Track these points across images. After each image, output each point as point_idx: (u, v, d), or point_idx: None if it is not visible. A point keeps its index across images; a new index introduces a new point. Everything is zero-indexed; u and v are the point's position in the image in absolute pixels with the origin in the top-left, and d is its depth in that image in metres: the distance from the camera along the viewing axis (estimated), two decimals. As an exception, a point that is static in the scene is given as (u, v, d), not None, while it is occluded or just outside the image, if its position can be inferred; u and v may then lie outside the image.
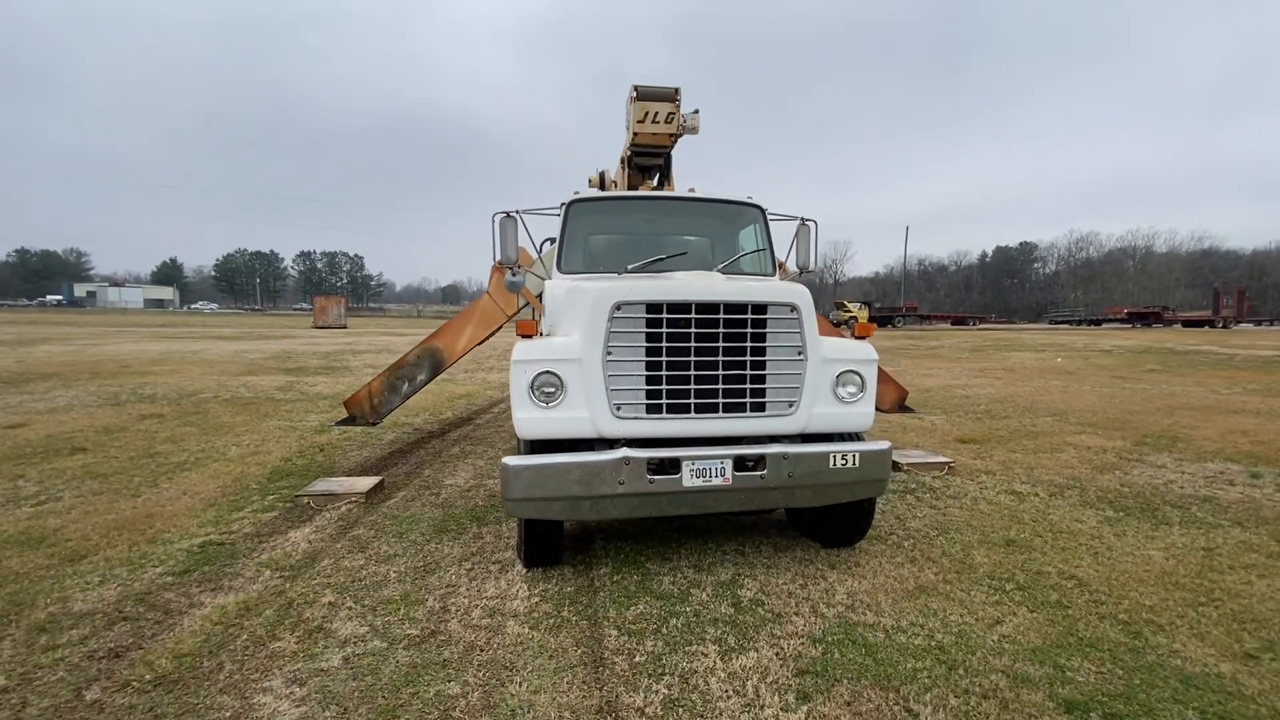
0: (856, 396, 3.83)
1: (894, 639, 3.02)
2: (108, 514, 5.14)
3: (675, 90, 5.54)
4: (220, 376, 14.22)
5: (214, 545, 4.44)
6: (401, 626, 3.19)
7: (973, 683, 2.65)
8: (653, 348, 3.53)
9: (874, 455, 3.69)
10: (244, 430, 8.65)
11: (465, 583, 3.74)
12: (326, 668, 2.81)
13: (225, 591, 3.68)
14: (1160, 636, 3.05)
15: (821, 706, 2.49)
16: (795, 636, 3.04)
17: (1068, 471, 6.18)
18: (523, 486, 3.38)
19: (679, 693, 2.59)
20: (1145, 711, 2.46)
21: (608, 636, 3.06)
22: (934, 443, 7.62)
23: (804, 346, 3.69)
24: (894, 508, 5.11)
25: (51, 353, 19.14)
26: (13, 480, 6.12)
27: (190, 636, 3.13)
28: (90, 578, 3.84)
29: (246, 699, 2.59)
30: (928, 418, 9.41)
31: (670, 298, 3.53)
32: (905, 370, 16.27)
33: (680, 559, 4.04)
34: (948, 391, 12.07)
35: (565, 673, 2.75)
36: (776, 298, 3.65)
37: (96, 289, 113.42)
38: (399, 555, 4.19)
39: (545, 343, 3.64)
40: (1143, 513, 4.94)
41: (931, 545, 4.27)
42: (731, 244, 5.35)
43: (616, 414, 3.53)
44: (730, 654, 2.88)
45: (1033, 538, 4.41)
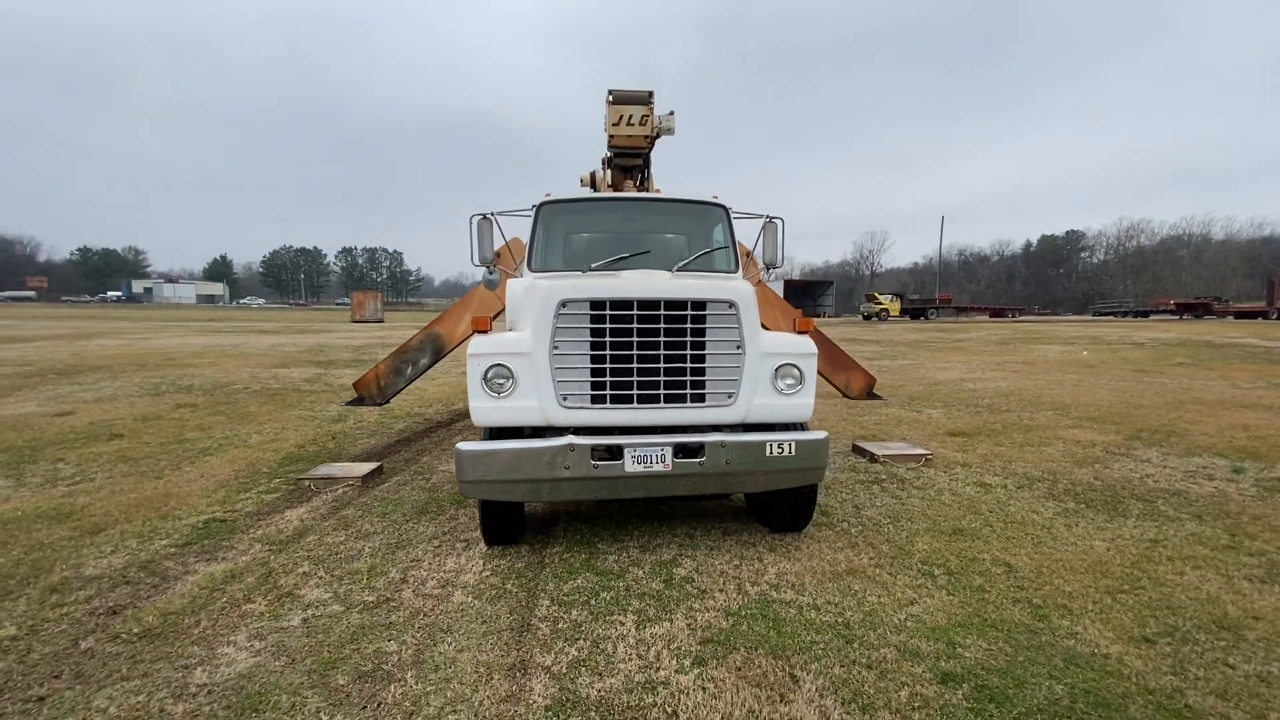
0: (795, 388, 4.00)
1: (804, 615, 3.22)
2: (131, 493, 5.66)
3: (649, 94, 5.74)
4: (254, 369, 15.01)
5: (217, 522, 4.89)
6: (361, 594, 3.54)
7: (862, 655, 2.84)
8: (597, 342, 3.78)
9: (810, 444, 3.87)
10: (267, 419, 9.22)
11: (429, 558, 4.07)
12: (286, 626, 3.17)
13: (217, 561, 4.10)
14: (1064, 620, 3.17)
15: (713, 670, 2.72)
16: (712, 610, 3.27)
17: (1046, 465, 6.20)
18: (474, 470, 3.68)
19: (587, 654, 2.86)
20: (1016, 684, 2.62)
21: (540, 606, 3.34)
22: (923, 435, 7.67)
23: (742, 341, 3.89)
24: (855, 497, 5.26)
25: (105, 346, 20.44)
26: (54, 463, 6.74)
27: (178, 598, 3.54)
28: (104, 548, 4.31)
29: (212, 649, 2.96)
30: (926, 411, 9.42)
31: (613, 295, 3.78)
32: (921, 364, 16.11)
33: (630, 540, 4.29)
34: (956, 385, 11.97)
35: (492, 636, 3.04)
36: (715, 295, 3.86)
37: (153, 285, 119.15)
38: (377, 533, 4.56)
39: (497, 337, 3.93)
40: (1104, 505, 4.98)
41: (877, 532, 4.43)
42: (705, 242, 5.54)
43: (563, 404, 3.80)
44: (646, 623, 3.13)
45: (982, 527, 4.52)
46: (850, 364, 7.24)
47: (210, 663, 2.85)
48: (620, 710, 2.46)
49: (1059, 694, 2.56)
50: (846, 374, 7.12)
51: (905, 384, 12.31)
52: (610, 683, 2.64)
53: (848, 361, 7.26)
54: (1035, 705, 2.49)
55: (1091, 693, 2.57)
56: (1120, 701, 2.51)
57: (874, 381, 7.37)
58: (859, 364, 7.37)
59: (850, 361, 7.29)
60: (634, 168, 6.39)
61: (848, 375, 7.11)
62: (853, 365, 7.21)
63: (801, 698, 2.53)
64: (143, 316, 48.00)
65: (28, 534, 4.58)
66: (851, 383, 7.05)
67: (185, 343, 22.59)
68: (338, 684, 2.67)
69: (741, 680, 2.65)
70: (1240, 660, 2.83)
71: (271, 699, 2.57)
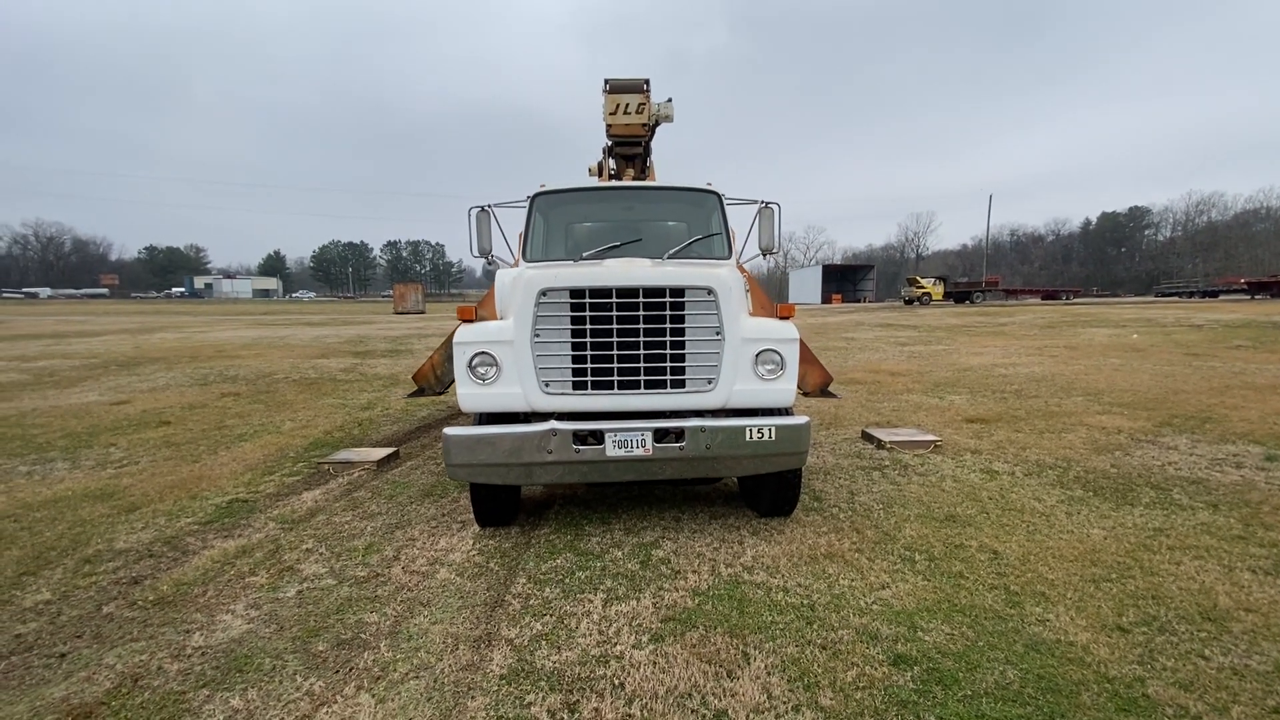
0: (776, 374, 4.01)
1: (771, 597, 3.27)
2: (169, 476, 6.08)
3: (644, 81, 5.76)
4: (296, 359, 15.72)
5: (239, 502, 5.22)
6: (355, 569, 3.76)
7: (819, 636, 2.88)
8: (577, 329, 3.88)
9: (790, 429, 3.89)
10: (302, 407, 9.69)
11: (424, 537, 4.27)
12: (281, 597, 3.41)
13: (233, 538, 4.40)
14: (1037, 607, 3.12)
15: (668, 646, 2.81)
16: (681, 590, 3.35)
17: (1062, 452, 6.01)
18: (460, 454, 3.84)
19: (550, 629, 2.98)
20: (968, 668, 2.62)
21: (516, 583, 3.49)
22: (939, 422, 7.51)
23: (721, 327, 3.92)
24: (852, 483, 5.23)
25: (164, 339, 21.71)
26: (106, 447, 7.27)
27: (192, 570, 3.83)
28: (136, 524, 4.67)
29: (212, 616, 3.22)
30: (949, 397, 9.20)
31: (592, 284, 3.86)
32: (956, 349, 15.65)
33: (617, 523, 4.40)
34: (987, 371, 11.61)
35: (466, 610, 3.20)
36: (693, 282, 3.90)
37: (212, 281, 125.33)
38: (381, 514, 4.79)
39: (482, 326, 4.06)
40: (1114, 493, 4.81)
41: (866, 518, 4.41)
42: (702, 229, 5.55)
43: (545, 390, 3.92)
44: (613, 602, 3.24)
45: (977, 514, 4.45)
46: (810, 359, 7.10)
47: (208, 628, 3.10)
48: (570, 680, 2.57)
49: (1010, 679, 2.54)
50: (804, 368, 6.97)
51: (933, 370, 12.00)
52: (566, 655, 2.76)
53: (807, 356, 7.09)
54: (983, 689, 2.49)
55: (1045, 679, 2.54)
56: (1073, 688, 2.48)
57: (830, 379, 7.23)
58: (819, 360, 7.24)
59: (810, 357, 7.13)
60: (634, 156, 6.43)
61: (804, 369, 6.96)
62: (812, 360, 7.05)
63: (748, 675, 2.59)
64: (202, 311, 50.67)
65: (74, 511, 5.00)
66: (808, 378, 6.90)
67: (236, 335, 23.78)
68: (317, 650, 2.88)
69: (693, 656, 2.73)
70: (1217, 652, 2.75)
71: (255, 661, 2.79)
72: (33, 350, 18.24)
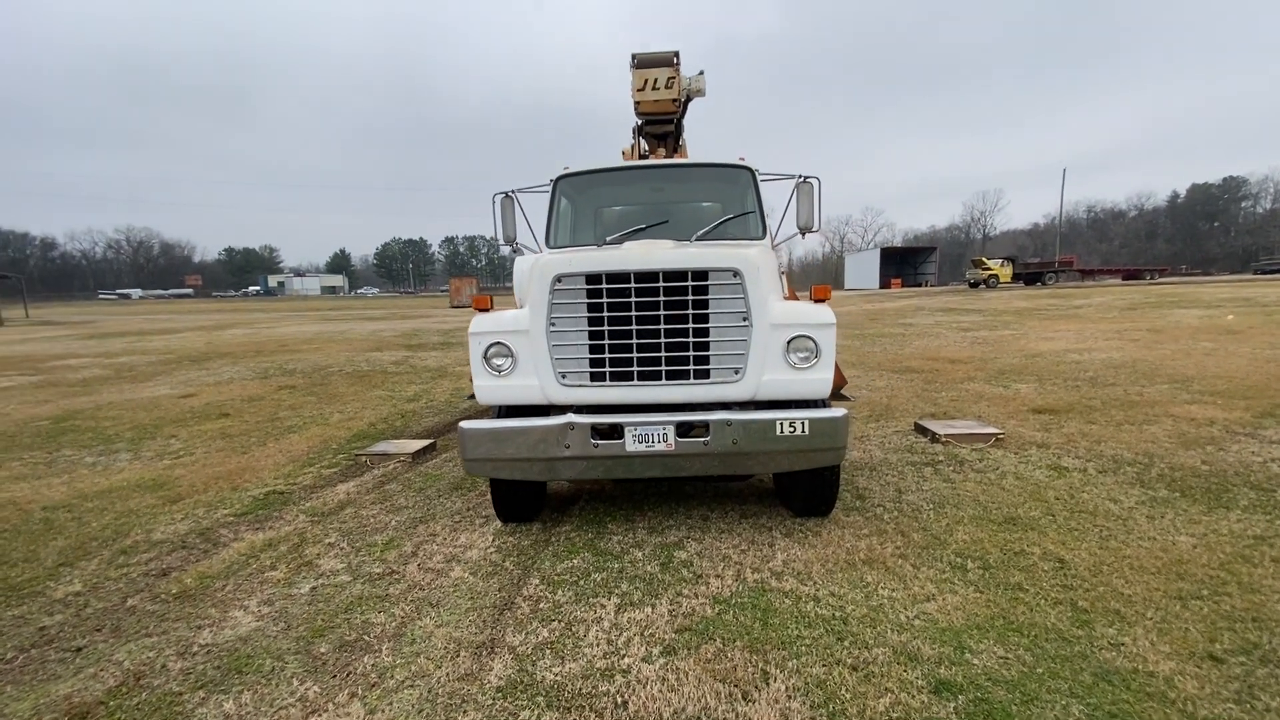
0: (810, 362, 3.69)
1: (799, 607, 2.98)
2: (218, 467, 6.25)
3: (674, 54, 5.45)
4: (352, 353, 16.22)
5: (276, 494, 5.29)
6: (371, 565, 3.69)
7: (850, 655, 2.58)
8: (594, 317, 3.66)
9: (824, 423, 3.56)
10: (351, 399, 9.91)
11: (445, 532, 4.18)
12: (295, 594, 3.36)
13: (264, 530, 4.43)
14: (1110, 628, 2.71)
15: (680, 661, 2.57)
16: (701, 597, 3.10)
17: (1144, 446, 5.39)
18: (476, 448, 3.71)
19: (556, 637, 2.80)
20: (1024, 700, 2.27)
21: (529, 585, 3.32)
22: (1002, 413, 6.93)
23: (749, 312, 3.62)
24: (901, 479, 4.83)
25: (235, 336, 22.90)
26: (167, 439, 7.59)
27: (219, 563, 3.85)
28: (176, 515, 4.78)
29: (225, 611, 3.20)
30: (1014, 386, 8.52)
31: (608, 268, 3.63)
32: (1024, 334, 14.63)
33: (642, 520, 4.18)
34: (1059, 357, 10.73)
35: (473, 613, 3.06)
36: (717, 263, 3.61)
37: (284, 279, 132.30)
38: (408, 507, 4.74)
39: (497, 315, 3.90)
40: (1204, 494, 4.24)
41: (914, 519, 4.03)
42: (737, 208, 5.23)
43: (562, 381, 3.72)
44: (627, 608, 3.02)
45: (1041, 517, 3.99)
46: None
47: (220, 624, 3.07)
48: (570, 696, 2.38)
49: (1075, 715, 2.18)
50: None
51: (998, 357, 11.20)
52: (570, 667, 2.56)
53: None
54: (1041, 726, 2.14)
55: (1118, 716, 2.17)
56: (1153, 730, 2.10)
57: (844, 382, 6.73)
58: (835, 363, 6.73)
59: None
60: (666, 135, 6.13)
61: None
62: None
63: (765, 698, 2.32)
64: (273, 308, 53.41)
65: (124, 501, 5.18)
66: None
67: (300, 330, 24.84)
68: (319, 651, 2.79)
69: (707, 673, 2.49)
70: (1339, 689, 2.29)
71: (256, 662, 2.72)
72: (116, 347, 19.56)
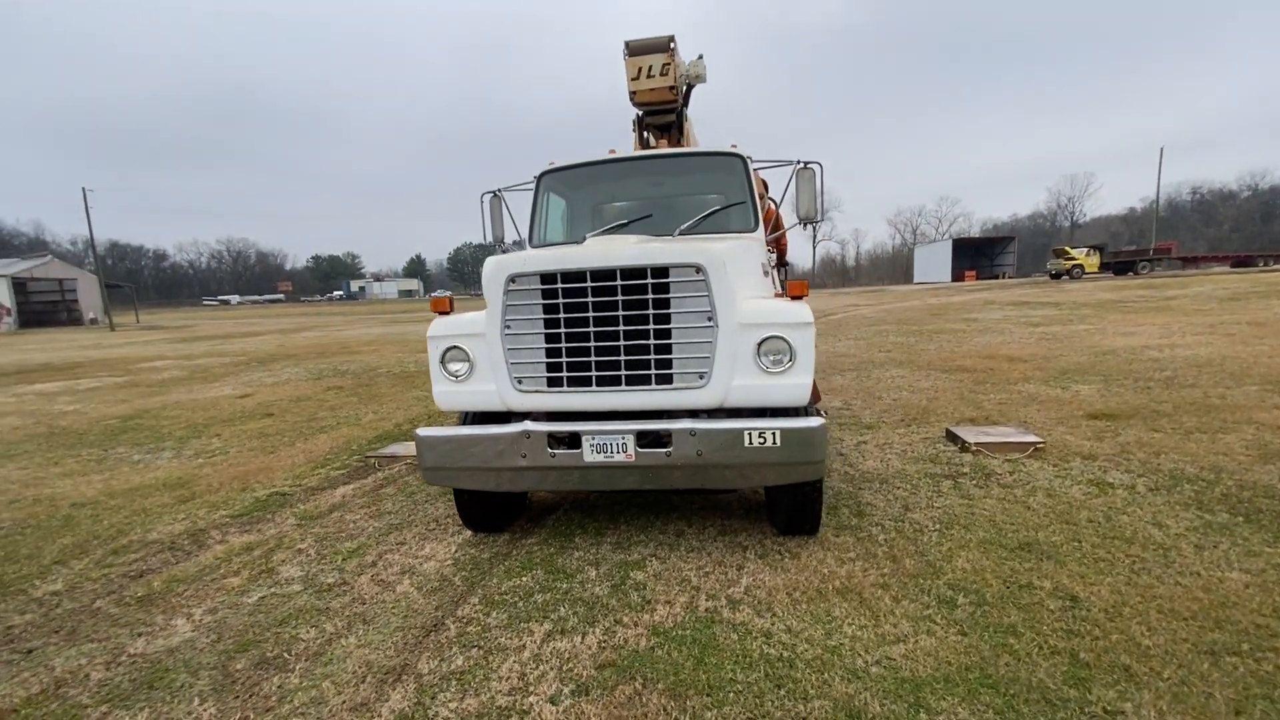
0: (783, 366, 3.32)
1: (746, 644, 2.64)
2: (241, 467, 6.46)
3: (668, 39, 5.16)
4: (404, 354, 16.74)
5: (278, 495, 5.38)
6: (327, 575, 3.62)
7: (781, 707, 2.23)
8: (550, 319, 3.45)
9: (798, 434, 3.19)
10: (389, 400, 10.15)
11: (414, 541, 4.07)
12: (242, 603, 3.33)
13: (250, 533, 4.48)
14: (1110, 690, 2.23)
15: (588, 703, 2.31)
16: (640, 626, 2.82)
17: (1212, 460, 4.64)
18: (433, 457, 3.57)
19: (469, 666, 2.59)
20: (974, 779, 1.86)
21: (468, 603, 3.14)
22: (1052, 418, 6.21)
23: (713, 311, 3.31)
24: (912, 494, 4.35)
25: (305, 338, 24.23)
26: (212, 438, 7.96)
27: (192, 567, 3.90)
28: (179, 515, 4.93)
29: (171, 619, 3.19)
30: (1074, 386, 7.67)
31: (563, 266, 3.40)
32: (1101, 328, 13.30)
33: (614, 534, 3.93)
34: (1133, 354, 9.62)
35: (400, 633, 2.91)
36: (678, 259, 3.31)
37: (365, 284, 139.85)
38: (392, 513, 4.69)
39: (454, 318, 3.75)
40: (1275, 521, 3.55)
41: (913, 541, 3.58)
42: (728, 198, 4.88)
43: (518, 387, 3.53)
44: (556, 636, 2.78)
45: (1065, 543, 3.45)
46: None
47: (158, 633, 3.06)
48: (456, 739, 2.17)
49: (1034, 805, 1.77)
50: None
51: (1063, 354, 10.18)
52: (468, 704, 2.35)
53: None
54: (986, 817, 1.74)
55: (1089, 812, 1.74)
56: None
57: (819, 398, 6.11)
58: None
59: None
60: (668, 125, 5.83)
61: None
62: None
63: (666, 754, 2.03)
64: (351, 312, 56.44)
65: (142, 500, 5.40)
66: None
67: (365, 333, 26.00)
68: (235, 668, 2.71)
69: (614, 720, 2.21)
70: None
71: (171, 677, 2.67)
72: (199, 350, 21.08)
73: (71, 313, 53.85)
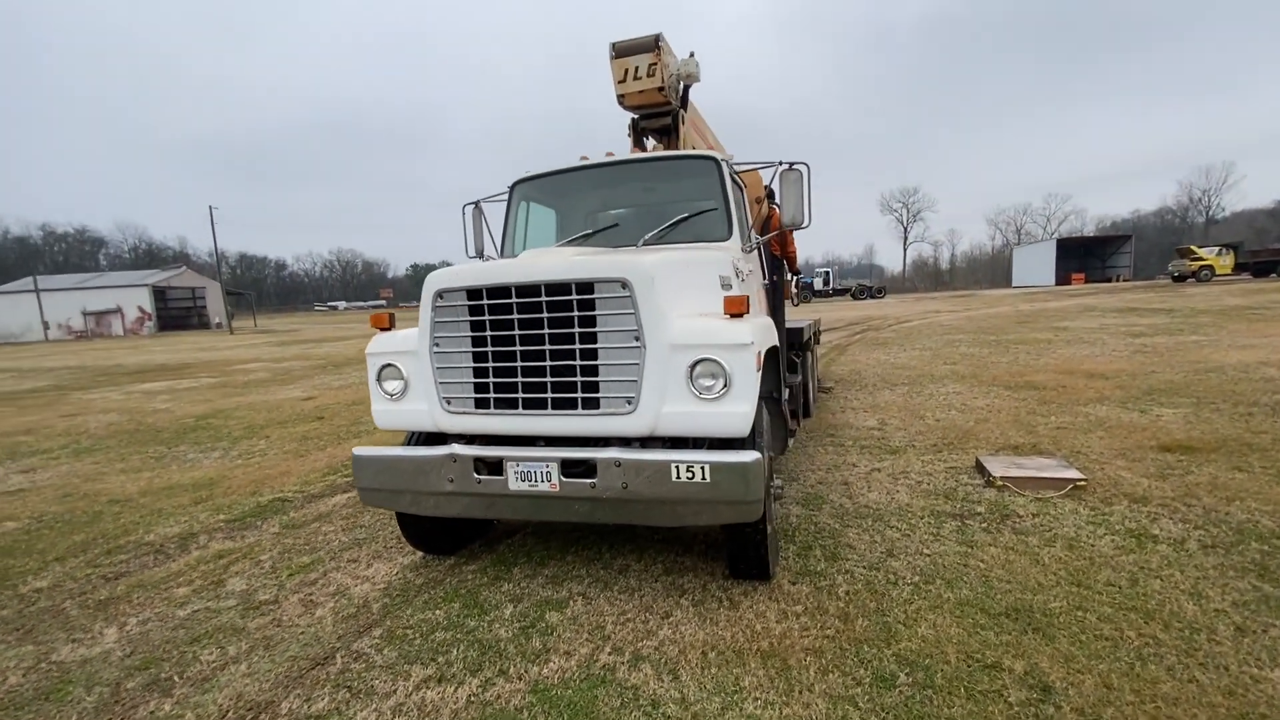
0: (718, 392, 2.97)
1: (622, 714, 2.32)
2: (268, 470, 6.77)
3: (655, 38, 4.88)
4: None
5: (279, 501, 5.55)
6: (265, 591, 3.62)
7: (623, 799, 1.91)
8: (477, 336, 3.28)
9: (729, 469, 2.83)
10: (429, 405, 10.39)
11: (366, 559, 4.02)
12: (174, 616, 3.37)
13: (232, 539, 4.61)
14: (1039, 825, 1.74)
15: (421, 770, 2.09)
16: (524, 681, 2.56)
17: (1305, 511, 3.76)
18: (365, 477, 3.49)
19: (328, 709, 2.44)
20: None
21: (369, 636, 3.01)
22: (1114, 448, 5.35)
23: (640, 331, 3.01)
24: (906, 535, 3.81)
25: (383, 342, 25.58)
26: (260, 440, 8.43)
27: (161, 573, 4.03)
28: (181, 517, 5.17)
29: (105, 628, 3.27)
30: (1155, 410, 6.62)
31: (488, 281, 3.23)
32: (1215, 340, 11.56)
33: (553, 566, 3.69)
34: (1245, 372, 8.22)
35: (290, 662, 2.81)
36: (602, 273, 3.04)
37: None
38: (364, 527, 4.68)
39: (392, 335, 3.66)
40: (1366, 601, 2.77)
41: (879, 596, 3.09)
42: (703, 204, 4.54)
43: (447, 408, 3.39)
44: (432, 683, 2.58)
45: (1066, 611, 2.85)
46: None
47: (86, 641, 3.14)
48: (267, 798, 2.01)
49: None
50: None
51: (1158, 370, 8.88)
52: (303, 756, 2.20)
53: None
54: None
55: None
56: None
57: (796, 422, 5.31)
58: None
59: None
60: (664, 129, 5.53)
61: None
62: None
63: None
64: (436, 316, 59.31)
65: (166, 499, 5.74)
66: None
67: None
68: (126, 688, 2.71)
69: (437, 794, 1.98)
70: None
71: (68, 690, 2.71)
72: (290, 354, 22.76)
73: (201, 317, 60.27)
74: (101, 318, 54.55)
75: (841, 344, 16.46)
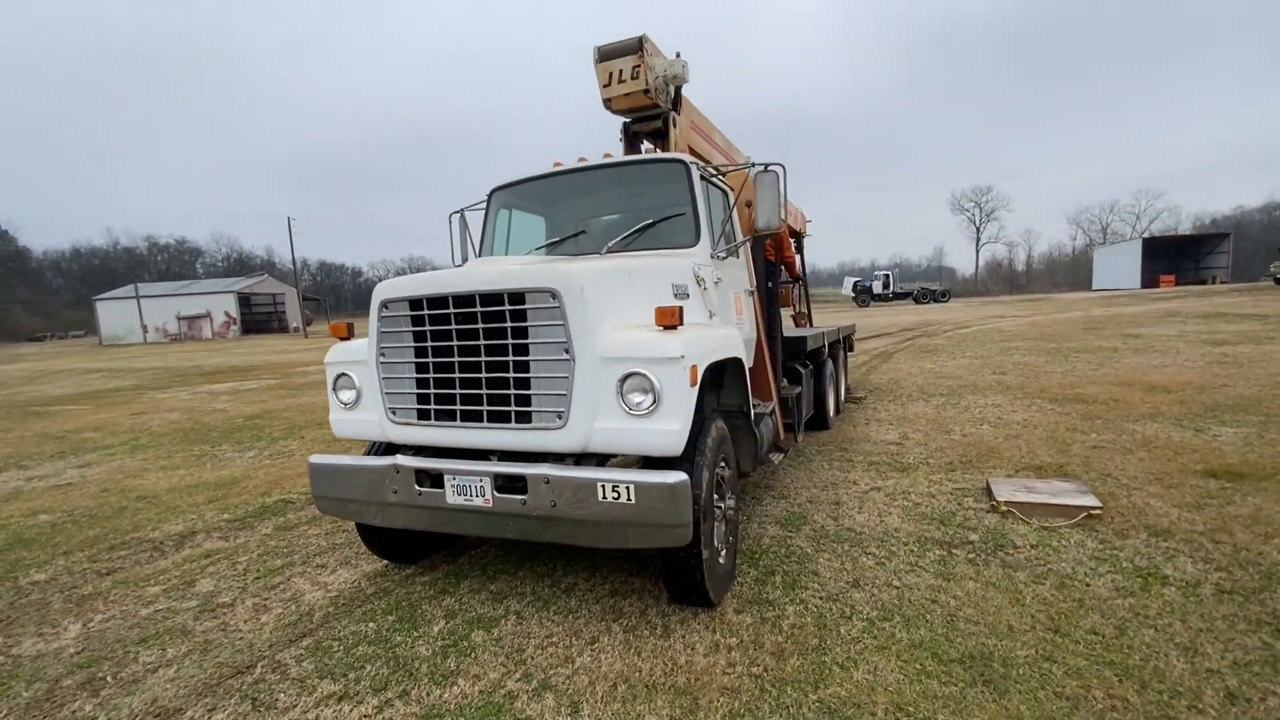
0: (647, 408, 2.81)
1: (505, 747, 2.20)
2: (289, 470, 7.03)
3: (639, 40, 4.74)
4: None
5: (284, 503, 5.74)
6: (227, 594, 3.70)
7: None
8: (419, 346, 3.27)
9: (654, 490, 2.68)
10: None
11: (333, 565, 4.07)
12: (136, 614, 3.49)
13: (225, 539, 4.78)
14: None
15: (283, 795, 2.03)
16: (421, 705, 2.48)
17: (1360, 555, 3.22)
18: (318, 485, 3.53)
19: (225, 723, 2.44)
20: None
21: (297, 646, 3.01)
22: (1155, 471, 4.81)
23: (570, 343, 2.90)
24: (883, 564, 3.52)
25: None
26: (294, 440, 8.80)
27: (147, 571, 4.21)
28: (190, 516, 5.42)
29: (71, 623, 3.43)
30: (1215, 428, 5.93)
31: (428, 291, 3.20)
32: (1312, 350, 10.32)
33: (500, 582, 3.61)
34: (1338, 387, 7.25)
35: (214, 668, 2.84)
36: (532, 283, 2.95)
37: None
38: (347, 531, 4.74)
39: (347, 345, 3.69)
40: (1406, 671, 2.31)
41: (826, 632, 2.84)
42: (671, 209, 4.37)
43: (392, 418, 3.38)
44: (331, 702, 2.53)
45: (1030, 662, 2.53)
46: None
47: (49, 637, 3.29)
48: (130, 813, 2.01)
49: None
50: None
51: (1231, 384, 7.97)
52: (181, 770, 2.19)
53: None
54: None
55: None
56: None
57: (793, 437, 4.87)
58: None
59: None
60: (656, 132, 5.38)
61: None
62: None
63: None
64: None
65: (184, 498, 6.04)
66: None
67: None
68: (62, 686, 2.81)
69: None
70: None
71: (10, 686, 2.83)
72: (347, 356, 23.81)
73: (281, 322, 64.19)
74: (193, 322, 59.04)
75: (888, 351, 15.73)
